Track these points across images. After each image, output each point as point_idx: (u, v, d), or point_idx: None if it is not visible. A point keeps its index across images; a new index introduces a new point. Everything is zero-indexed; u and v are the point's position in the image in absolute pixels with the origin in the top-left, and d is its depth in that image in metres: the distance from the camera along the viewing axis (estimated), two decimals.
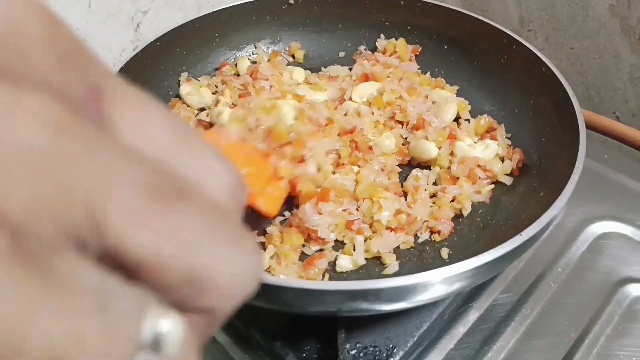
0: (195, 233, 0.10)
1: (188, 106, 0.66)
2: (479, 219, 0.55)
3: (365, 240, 0.52)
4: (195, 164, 0.11)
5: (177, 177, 0.11)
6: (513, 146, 0.60)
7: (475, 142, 0.60)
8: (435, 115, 0.61)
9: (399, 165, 0.59)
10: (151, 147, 0.11)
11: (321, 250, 0.52)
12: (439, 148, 0.58)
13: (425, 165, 0.60)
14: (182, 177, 0.11)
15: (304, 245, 0.52)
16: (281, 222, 0.53)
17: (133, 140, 0.11)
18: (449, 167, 0.58)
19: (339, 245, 0.53)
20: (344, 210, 0.52)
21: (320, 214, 0.51)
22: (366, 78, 0.66)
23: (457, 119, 0.63)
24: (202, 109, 0.66)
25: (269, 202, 0.48)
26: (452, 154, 0.58)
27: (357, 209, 0.53)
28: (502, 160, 0.59)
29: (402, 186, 0.57)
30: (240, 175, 0.12)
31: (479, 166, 0.57)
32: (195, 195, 0.11)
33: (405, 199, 0.55)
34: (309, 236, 0.51)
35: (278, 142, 0.51)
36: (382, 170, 0.57)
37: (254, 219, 0.51)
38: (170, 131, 0.11)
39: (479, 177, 0.56)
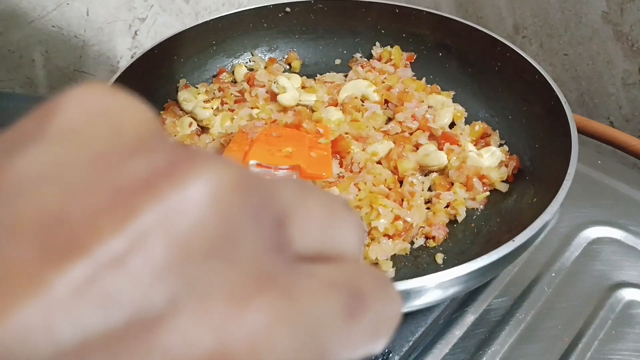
0: (370, 328, 0.15)
1: (181, 109, 0.66)
2: (473, 225, 0.55)
3: None
4: (344, 237, 0.15)
5: (352, 287, 0.14)
6: (509, 152, 0.60)
7: (478, 149, 0.60)
8: (432, 119, 0.62)
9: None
10: (316, 243, 0.15)
11: None
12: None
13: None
14: (356, 287, 0.15)
15: None
16: None
17: (305, 244, 0.14)
18: (445, 173, 0.58)
19: None
20: None
21: None
22: None
23: (451, 126, 0.64)
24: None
25: (321, 166, 0.51)
26: (462, 162, 0.58)
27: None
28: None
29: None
30: (362, 225, 0.17)
31: (479, 175, 0.57)
32: (366, 301, 0.15)
33: (401, 206, 0.55)
34: None
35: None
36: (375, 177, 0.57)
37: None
38: (326, 216, 0.15)
39: (475, 187, 0.56)
